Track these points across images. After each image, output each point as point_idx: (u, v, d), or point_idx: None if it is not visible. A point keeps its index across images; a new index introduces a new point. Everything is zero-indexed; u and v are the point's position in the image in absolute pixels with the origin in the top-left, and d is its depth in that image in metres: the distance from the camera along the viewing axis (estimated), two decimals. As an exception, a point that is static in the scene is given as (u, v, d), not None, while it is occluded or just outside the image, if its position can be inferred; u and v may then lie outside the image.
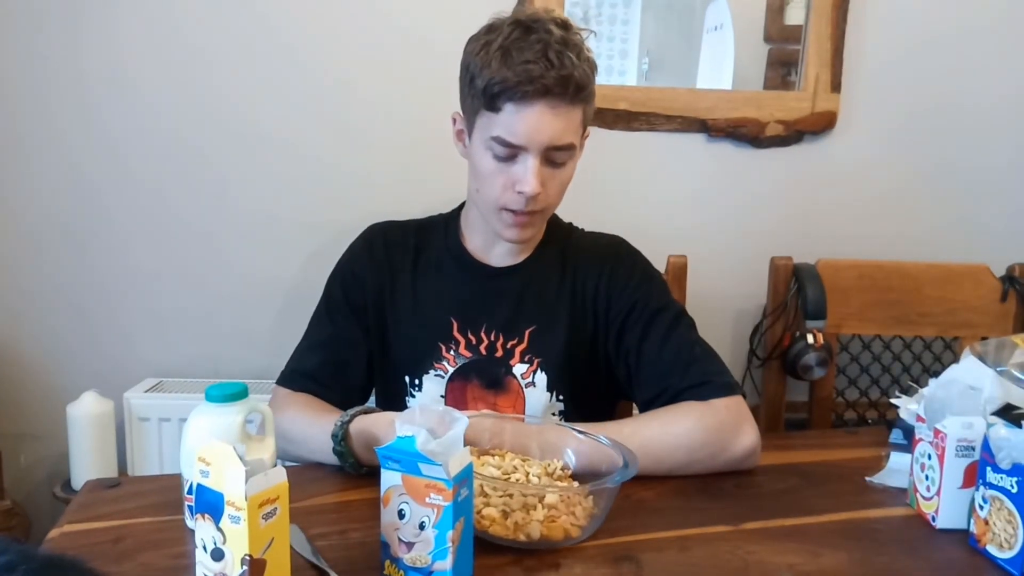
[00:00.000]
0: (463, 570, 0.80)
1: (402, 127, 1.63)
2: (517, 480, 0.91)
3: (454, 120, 1.17)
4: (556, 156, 1.08)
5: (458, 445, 0.79)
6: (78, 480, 1.51)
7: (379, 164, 1.65)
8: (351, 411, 1.03)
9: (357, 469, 1.02)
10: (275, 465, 0.90)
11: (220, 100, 1.60)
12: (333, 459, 1.02)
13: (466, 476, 0.79)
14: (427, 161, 1.61)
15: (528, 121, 1.04)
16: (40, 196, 1.60)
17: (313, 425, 1.06)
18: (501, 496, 0.87)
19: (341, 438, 1.01)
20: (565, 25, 1.08)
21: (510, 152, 1.07)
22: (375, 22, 1.60)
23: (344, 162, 1.64)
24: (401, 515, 0.79)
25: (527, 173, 1.06)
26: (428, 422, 0.81)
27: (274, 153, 1.63)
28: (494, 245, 1.21)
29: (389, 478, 0.80)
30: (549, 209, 1.15)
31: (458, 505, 0.78)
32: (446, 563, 0.78)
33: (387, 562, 0.81)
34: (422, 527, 0.78)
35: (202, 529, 0.74)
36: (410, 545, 0.79)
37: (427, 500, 0.78)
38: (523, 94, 1.03)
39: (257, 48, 1.59)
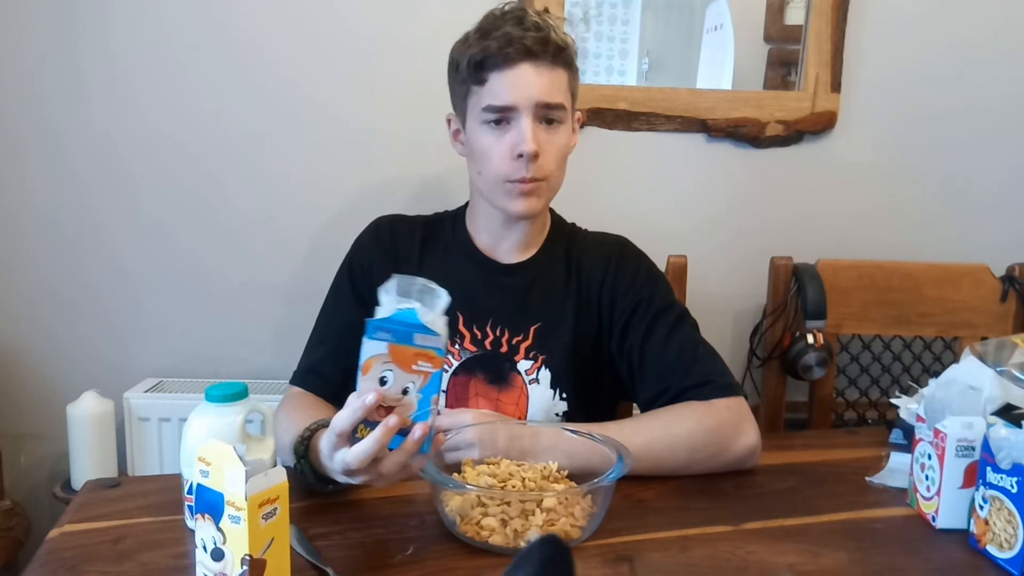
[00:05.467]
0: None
1: (401, 127, 1.63)
2: (514, 487, 0.90)
3: (448, 122, 1.19)
4: (549, 114, 1.10)
5: (443, 317, 0.84)
6: (78, 480, 1.51)
7: (378, 163, 1.65)
8: (321, 420, 0.97)
9: (316, 482, 0.95)
10: (275, 465, 0.91)
11: (217, 100, 1.60)
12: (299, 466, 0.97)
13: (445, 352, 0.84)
14: (426, 160, 1.61)
15: (515, 81, 1.08)
16: (39, 197, 1.60)
17: (292, 425, 1.02)
18: (499, 504, 0.87)
19: (305, 447, 0.95)
20: (537, 12, 1.13)
21: (503, 117, 1.10)
22: (369, 28, 1.60)
23: (343, 162, 1.64)
24: (383, 382, 0.82)
25: (524, 132, 1.09)
26: (407, 292, 0.85)
27: (274, 152, 1.63)
28: (501, 241, 1.21)
29: (373, 348, 0.82)
30: (551, 180, 1.14)
31: (440, 373, 0.83)
32: (426, 424, 0.82)
33: (360, 426, 0.83)
34: (405, 392, 0.82)
35: (202, 529, 0.74)
36: (389, 409, 0.82)
37: (414, 367, 0.81)
38: (505, 57, 1.07)
39: (252, 49, 1.59)
